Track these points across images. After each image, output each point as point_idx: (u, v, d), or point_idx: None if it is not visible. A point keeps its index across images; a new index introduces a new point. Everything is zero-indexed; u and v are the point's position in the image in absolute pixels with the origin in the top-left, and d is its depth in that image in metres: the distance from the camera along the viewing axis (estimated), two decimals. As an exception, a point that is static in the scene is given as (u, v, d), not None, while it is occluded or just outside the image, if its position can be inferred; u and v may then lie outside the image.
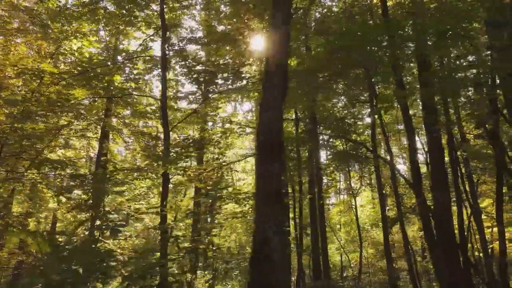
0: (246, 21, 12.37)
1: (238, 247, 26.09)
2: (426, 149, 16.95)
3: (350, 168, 23.72)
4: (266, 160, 6.00)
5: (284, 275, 5.70)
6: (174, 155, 10.29)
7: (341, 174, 27.29)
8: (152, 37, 13.19)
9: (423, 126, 16.19)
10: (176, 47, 11.90)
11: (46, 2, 15.09)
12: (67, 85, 10.74)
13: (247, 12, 12.31)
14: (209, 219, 20.04)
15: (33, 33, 16.21)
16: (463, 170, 16.83)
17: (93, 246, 6.25)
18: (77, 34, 14.00)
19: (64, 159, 15.24)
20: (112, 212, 17.88)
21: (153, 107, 18.15)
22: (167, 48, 11.29)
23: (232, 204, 21.36)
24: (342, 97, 17.32)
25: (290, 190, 21.25)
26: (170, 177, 11.07)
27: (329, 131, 15.91)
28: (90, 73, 10.42)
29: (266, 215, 5.63)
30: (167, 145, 10.58)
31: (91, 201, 9.56)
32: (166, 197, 10.61)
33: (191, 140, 11.83)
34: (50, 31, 15.17)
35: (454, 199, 14.66)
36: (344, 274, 26.13)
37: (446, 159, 15.87)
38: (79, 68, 11.33)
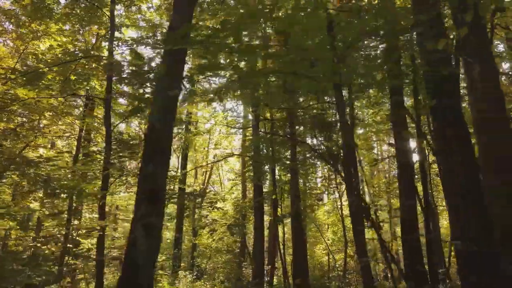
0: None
1: (225, 247, 26.13)
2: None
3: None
4: (147, 160, 5.99)
5: (151, 280, 5.57)
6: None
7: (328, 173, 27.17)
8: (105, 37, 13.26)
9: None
10: (124, 47, 11.93)
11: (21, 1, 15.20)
12: (16, 84, 10.81)
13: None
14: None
15: (9, 33, 16.46)
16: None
17: None
18: (45, 34, 14.14)
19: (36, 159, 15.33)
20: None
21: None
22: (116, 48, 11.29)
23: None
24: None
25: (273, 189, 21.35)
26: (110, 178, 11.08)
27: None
28: (41, 72, 10.44)
29: (137, 216, 5.59)
30: (108, 147, 10.58)
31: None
32: (105, 198, 10.60)
33: (124, 142, 11.79)
34: (26, 31, 15.35)
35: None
36: (331, 274, 26.13)
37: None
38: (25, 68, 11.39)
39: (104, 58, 10.41)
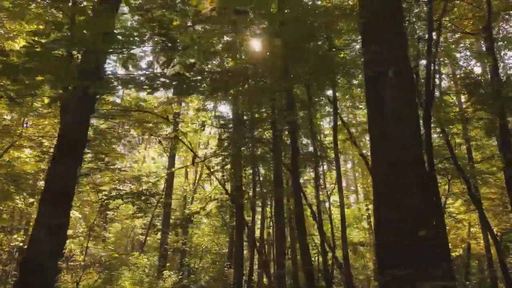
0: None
1: (216, 246, 26.09)
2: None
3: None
4: (58, 161, 5.93)
5: (53, 280, 5.49)
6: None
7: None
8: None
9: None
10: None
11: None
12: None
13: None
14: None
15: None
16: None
17: None
18: (18, 34, 14.16)
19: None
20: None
21: (117, 108, 18.19)
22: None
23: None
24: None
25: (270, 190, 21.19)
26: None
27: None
28: None
29: (41, 216, 5.52)
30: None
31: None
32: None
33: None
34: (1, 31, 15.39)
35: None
36: (320, 274, 25.95)
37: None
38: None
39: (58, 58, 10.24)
